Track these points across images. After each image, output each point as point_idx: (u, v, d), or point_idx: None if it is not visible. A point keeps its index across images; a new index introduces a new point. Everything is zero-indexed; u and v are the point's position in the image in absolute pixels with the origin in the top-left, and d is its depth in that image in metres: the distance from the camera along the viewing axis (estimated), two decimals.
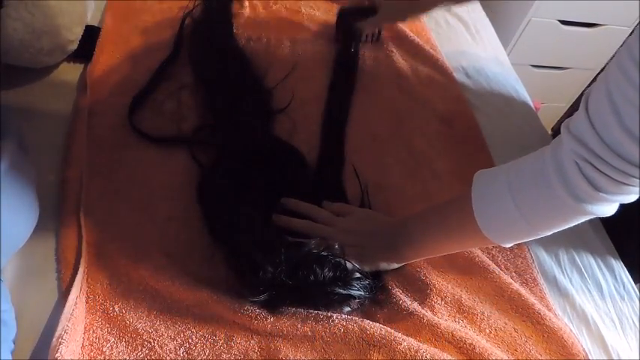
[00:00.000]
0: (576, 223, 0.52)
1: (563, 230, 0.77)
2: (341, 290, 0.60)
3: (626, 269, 0.76)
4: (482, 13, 1.18)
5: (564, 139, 0.47)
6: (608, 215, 0.49)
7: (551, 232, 0.53)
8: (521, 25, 1.56)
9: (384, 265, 0.66)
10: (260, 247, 0.61)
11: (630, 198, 0.47)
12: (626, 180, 0.44)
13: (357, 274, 0.62)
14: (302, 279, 0.59)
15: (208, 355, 0.57)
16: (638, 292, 0.74)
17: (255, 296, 0.60)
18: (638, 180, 0.44)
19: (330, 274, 0.60)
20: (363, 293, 0.62)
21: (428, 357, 0.58)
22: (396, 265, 0.66)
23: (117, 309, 0.59)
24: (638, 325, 0.70)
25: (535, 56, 1.68)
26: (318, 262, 0.60)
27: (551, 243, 0.76)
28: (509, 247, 0.73)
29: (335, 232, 0.65)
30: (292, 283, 0.59)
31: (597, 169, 0.45)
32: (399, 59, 0.98)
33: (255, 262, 0.59)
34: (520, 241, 0.56)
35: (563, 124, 0.48)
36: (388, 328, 0.60)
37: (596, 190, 0.46)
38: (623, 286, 0.74)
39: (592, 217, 0.50)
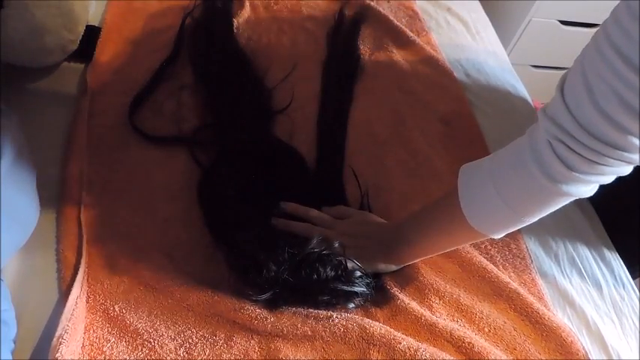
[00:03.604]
0: (558, 206, 0.52)
1: (562, 230, 0.78)
2: (344, 287, 0.61)
3: (626, 269, 0.76)
4: (483, 13, 1.18)
5: (540, 120, 0.48)
6: (587, 196, 0.50)
7: (535, 218, 0.54)
8: (521, 25, 1.56)
9: (382, 267, 0.66)
10: (263, 246, 0.61)
11: (606, 179, 0.48)
12: (599, 159, 0.45)
13: (359, 272, 0.62)
14: (305, 277, 0.60)
15: (208, 355, 0.57)
16: (638, 293, 0.74)
17: (259, 295, 0.60)
18: (611, 159, 0.44)
19: (332, 272, 0.61)
20: (365, 290, 0.62)
21: (427, 356, 0.58)
22: (394, 268, 0.67)
23: (117, 309, 0.59)
24: (638, 325, 0.70)
25: (535, 56, 1.67)
26: (320, 260, 0.61)
27: (551, 243, 0.76)
28: (507, 247, 0.73)
29: (334, 235, 0.65)
30: (295, 282, 0.60)
31: (570, 147, 0.45)
32: (400, 60, 0.98)
33: (259, 260, 0.60)
34: (508, 231, 0.56)
35: (540, 109, 0.49)
36: (388, 328, 0.60)
37: (569, 170, 0.46)
38: (623, 287, 0.74)
39: (571, 198, 0.50)
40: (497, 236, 0.57)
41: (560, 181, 0.47)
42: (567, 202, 0.51)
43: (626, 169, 0.46)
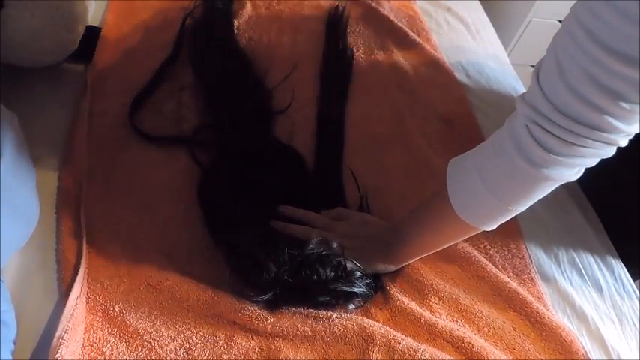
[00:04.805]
0: (542, 193, 0.52)
1: (562, 231, 0.78)
2: (345, 287, 0.61)
3: (625, 269, 0.76)
4: (483, 14, 1.18)
5: (518, 106, 0.49)
6: (571, 181, 0.50)
7: (522, 207, 0.54)
8: (521, 26, 1.56)
9: (381, 268, 0.66)
10: (263, 246, 0.61)
11: (588, 161, 0.48)
12: (577, 140, 0.45)
13: (359, 273, 0.62)
14: (305, 278, 0.60)
15: (208, 355, 0.57)
16: (638, 293, 0.74)
17: (259, 295, 0.60)
18: (589, 140, 0.45)
19: (332, 273, 0.61)
20: (365, 290, 0.62)
21: (427, 356, 0.58)
22: (393, 268, 0.67)
23: (117, 309, 0.59)
24: (638, 325, 0.70)
25: (535, 57, 1.66)
26: (320, 261, 0.61)
27: (551, 243, 0.76)
28: (507, 248, 0.73)
29: (333, 237, 0.65)
30: (295, 282, 0.60)
31: (546, 130, 0.46)
32: (400, 59, 0.98)
33: (259, 261, 0.60)
34: (498, 222, 0.56)
35: (518, 96, 0.50)
36: (388, 328, 0.60)
37: (547, 153, 0.46)
38: (623, 287, 0.74)
39: (555, 184, 0.50)
40: (489, 228, 0.57)
41: (539, 164, 0.48)
42: (551, 187, 0.51)
43: (608, 151, 0.46)
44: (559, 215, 0.80)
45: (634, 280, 0.76)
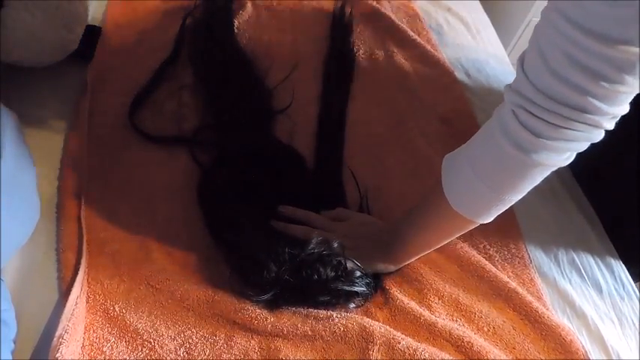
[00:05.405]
0: (535, 180, 0.52)
1: (562, 231, 0.78)
2: (345, 287, 0.61)
3: (625, 269, 0.76)
4: (483, 13, 1.18)
5: (505, 94, 0.50)
6: (562, 166, 0.50)
7: (516, 196, 0.54)
8: (521, 26, 1.56)
9: (381, 268, 0.66)
10: (263, 246, 0.61)
11: (577, 145, 0.48)
12: (563, 123, 0.46)
13: (359, 272, 0.62)
14: (305, 278, 0.60)
15: (209, 355, 0.57)
16: (638, 293, 0.73)
17: (259, 295, 0.60)
18: (575, 122, 0.45)
19: (332, 273, 0.61)
20: (365, 290, 0.62)
21: (426, 355, 0.58)
22: (393, 268, 0.67)
23: (117, 309, 0.59)
24: (638, 325, 0.70)
25: None
26: (320, 261, 0.61)
27: (551, 244, 0.76)
28: (506, 247, 0.73)
29: (334, 237, 0.65)
30: (295, 282, 0.60)
31: (532, 113, 0.47)
32: (400, 59, 0.98)
33: (259, 261, 0.60)
34: (493, 213, 0.56)
35: (505, 85, 0.51)
36: (387, 327, 0.60)
37: (535, 137, 0.47)
38: (623, 287, 0.74)
39: (546, 170, 0.51)
40: (486, 221, 0.57)
41: (528, 149, 0.48)
42: (543, 174, 0.52)
43: (595, 134, 0.47)
44: (559, 215, 0.80)
45: (634, 281, 0.76)
